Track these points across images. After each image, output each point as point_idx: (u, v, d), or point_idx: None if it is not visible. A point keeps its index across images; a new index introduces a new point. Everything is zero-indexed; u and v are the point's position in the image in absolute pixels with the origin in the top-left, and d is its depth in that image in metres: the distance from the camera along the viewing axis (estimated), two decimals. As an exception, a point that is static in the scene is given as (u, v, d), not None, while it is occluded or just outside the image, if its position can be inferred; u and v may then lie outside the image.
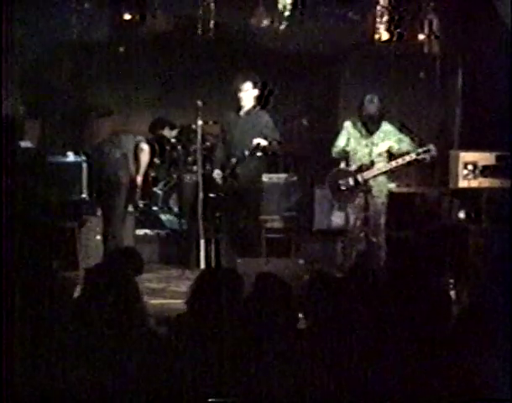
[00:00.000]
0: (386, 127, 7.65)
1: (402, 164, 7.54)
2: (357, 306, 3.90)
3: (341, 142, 7.68)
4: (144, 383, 3.36)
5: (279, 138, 7.60)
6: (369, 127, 7.59)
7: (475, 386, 3.40)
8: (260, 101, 7.68)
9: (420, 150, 7.45)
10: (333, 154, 7.75)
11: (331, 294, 3.83)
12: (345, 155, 7.66)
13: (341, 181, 7.64)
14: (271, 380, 3.40)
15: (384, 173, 7.60)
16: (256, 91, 7.59)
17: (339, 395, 3.40)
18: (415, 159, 7.46)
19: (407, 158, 7.48)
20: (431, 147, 7.45)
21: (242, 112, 7.63)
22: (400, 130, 7.73)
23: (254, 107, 7.64)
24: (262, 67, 9.10)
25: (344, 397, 3.40)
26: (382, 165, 7.56)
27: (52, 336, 3.55)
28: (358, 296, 4.00)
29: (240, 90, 7.54)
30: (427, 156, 7.44)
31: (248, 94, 7.57)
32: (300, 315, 3.85)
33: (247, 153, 7.36)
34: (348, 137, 7.67)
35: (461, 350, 3.56)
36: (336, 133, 7.75)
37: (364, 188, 7.55)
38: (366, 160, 7.58)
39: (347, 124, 7.70)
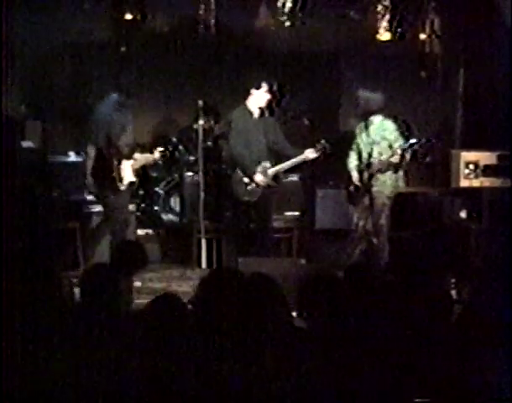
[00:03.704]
0: (386, 124, 7.65)
1: (404, 159, 7.51)
2: (359, 305, 3.91)
3: (353, 158, 7.72)
4: (144, 383, 3.36)
5: (283, 141, 7.61)
6: (366, 121, 7.61)
7: (475, 386, 3.40)
8: (271, 105, 7.56)
9: (412, 141, 7.42)
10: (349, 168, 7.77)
11: (332, 293, 3.83)
12: (361, 168, 7.66)
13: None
14: (272, 380, 3.40)
15: (387, 170, 7.58)
16: (268, 95, 7.46)
17: (340, 395, 3.41)
18: (415, 154, 7.44)
19: (407, 155, 7.47)
20: (431, 139, 7.45)
21: (256, 115, 7.50)
22: (400, 126, 7.73)
23: (265, 110, 7.54)
24: (262, 67, 9.13)
25: (345, 397, 3.41)
26: (384, 162, 7.54)
27: (52, 335, 3.55)
28: (360, 296, 4.01)
29: (258, 89, 7.40)
30: (425, 148, 7.42)
31: (264, 96, 7.44)
32: (295, 314, 3.86)
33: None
34: (358, 144, 7.69)
35: (461, 350, 3.56)
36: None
37: (369, 186, 7.56)
38: (369, 159, 7.58)
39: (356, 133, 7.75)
